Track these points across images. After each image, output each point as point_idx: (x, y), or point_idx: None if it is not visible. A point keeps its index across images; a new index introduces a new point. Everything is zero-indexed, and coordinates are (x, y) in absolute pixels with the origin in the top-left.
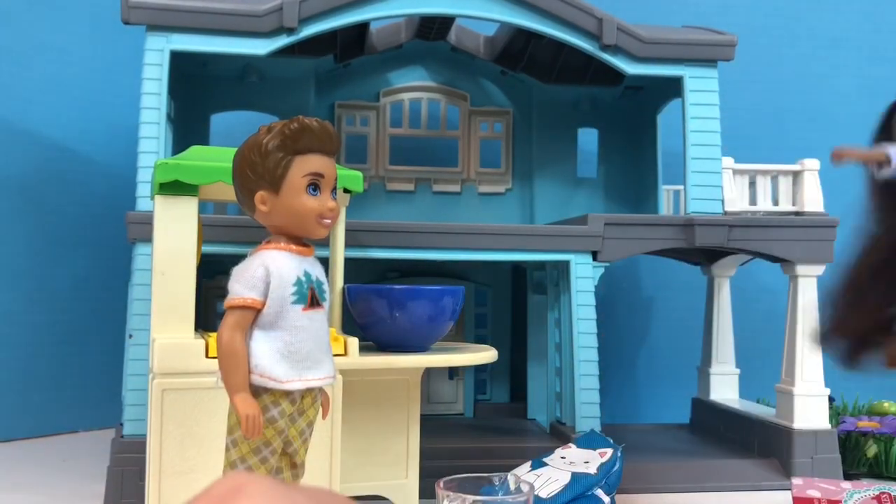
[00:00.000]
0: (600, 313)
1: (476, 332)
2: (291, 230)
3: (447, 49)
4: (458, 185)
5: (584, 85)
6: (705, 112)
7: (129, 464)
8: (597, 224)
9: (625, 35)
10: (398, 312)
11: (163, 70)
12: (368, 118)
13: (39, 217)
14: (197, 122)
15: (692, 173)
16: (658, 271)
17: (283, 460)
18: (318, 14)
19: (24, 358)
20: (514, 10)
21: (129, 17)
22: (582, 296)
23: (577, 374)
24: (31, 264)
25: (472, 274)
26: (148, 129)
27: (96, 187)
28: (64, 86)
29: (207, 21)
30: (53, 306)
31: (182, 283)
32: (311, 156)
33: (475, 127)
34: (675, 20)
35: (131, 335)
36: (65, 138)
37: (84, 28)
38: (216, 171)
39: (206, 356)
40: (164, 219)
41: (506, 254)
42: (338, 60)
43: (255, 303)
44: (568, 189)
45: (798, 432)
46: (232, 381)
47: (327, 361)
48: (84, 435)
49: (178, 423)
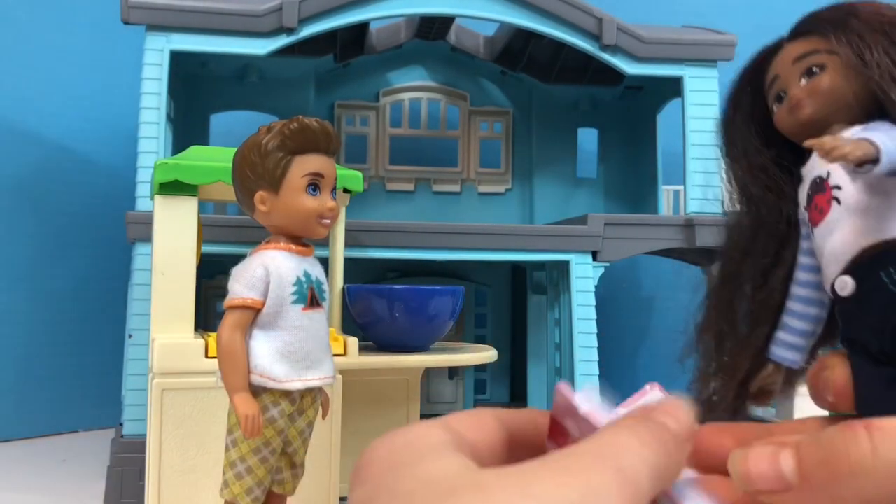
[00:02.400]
0: (600, 313)
1: (476, 332)
2: (291, 230)
3: (447, 49)
4: (458, 185)
5: (584, 85)
6: (705, 112)
7: (128, 464)
8: (597, 224)
9: (625, 35)
10: (398, 312)
11: (163, 70)
12: (368, 118)
13: (39, 217)
14: (197, 122)
15: (692, 173)
16: (658, 271)
17: (283, 460)
18: (317, 14)
19: (23, 358)
20: (514, 10)
21: (129, 17)
22: (582, 296)
23: (577, 374)
24: (31, 264)
25: (472, 274)
26: (148, 129)
27: (96, 187)
28: (64, 86)
29: (207, 21)
30: (53, 306)
31: (182, 283)
32: (310, 156)
33: (475, 127)
34: (675, 20)
35: (131, 335)
36: (65, 138)
37: (84, 28)
38: (216, 171)
39: (206, 356)
40: (164, 219)
41: (506, 254)
42: (338, 60)
43: (254, 303)
44: (568, 189)
45: None
46: (232, 381)
47: (327, 361)
48: (84, 435)
49: (178, 423)
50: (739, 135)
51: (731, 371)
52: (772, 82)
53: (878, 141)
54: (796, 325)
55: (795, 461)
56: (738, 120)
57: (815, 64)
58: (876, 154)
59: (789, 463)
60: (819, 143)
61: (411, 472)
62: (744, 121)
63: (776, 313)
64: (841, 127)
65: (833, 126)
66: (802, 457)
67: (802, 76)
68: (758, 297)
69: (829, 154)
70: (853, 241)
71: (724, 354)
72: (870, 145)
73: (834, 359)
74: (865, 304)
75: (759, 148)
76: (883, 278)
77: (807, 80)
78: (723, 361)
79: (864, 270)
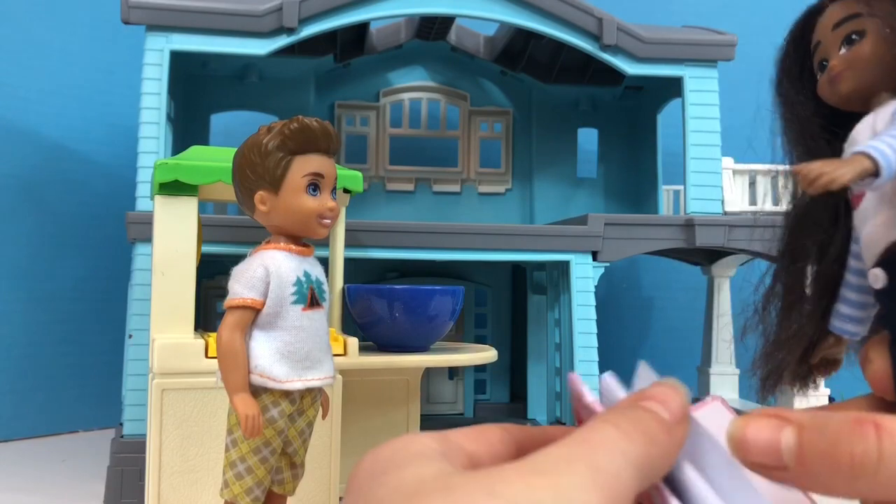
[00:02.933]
0: (600, 313)
1: (476, 332)
2: (291, 230)
3: (447, 49)
4: (458, 185)
5: (584, 85)
6: (705, 112)
7: (128, 464)
8: (597, 224)
9: (625, 35)
10: (398, 312)
11: (163, 70)
12: (368, 118)
13: (39, 217)
14: (197, 122)
15: (692, 173)
16: (658, 271)
17: (283, 460)
18: (317, 14)
19: (23, 358)
20: (514, 10)
21: (129, 17)
22: (582, 296)
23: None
24: (31, 264)
25: (472, 274)
26: (148, 129)
27: (96, 187)
28: (64, 86)
29: (207, 21)
30: (53, 306)
31: (182, 283)
32: (310, 156)
33: (475, 127)
34: (675, 20)
35: (131, 335)
36: (65, 138)
37: (84, 28)
38: (216, 171)
39: (206, 356)
40: (164, 219)
41: (506, 254)
42: (338, 60)
43: (254, 303)
44: (568, 189)
45: None
46: (232, 381)
47: (327, 361)
48: (84, 435)
49: (178, 423)
50: (788, 101)
51: (796, 342)
52: (815, 48)
53: (876, 153)
54: (853, 298)
55: (796, 442)
56: (786, 86)
57: (854, 31)
58: (874, 168)
59: (790, 442)
60: (803, 174)
61: (386, 480)
62: (793, 86)
63: (836, 285)
64: (889, 95)
65: (881, 94)
66: (804, 442)
67: (842, 44)
68: (819, 271)
69: (813, 184)
70: (884, 233)
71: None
72: (865, 160)
73: (875, 350)
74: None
75: (809, 116)
76: None
77: (847, 48)
78: (789, 334)
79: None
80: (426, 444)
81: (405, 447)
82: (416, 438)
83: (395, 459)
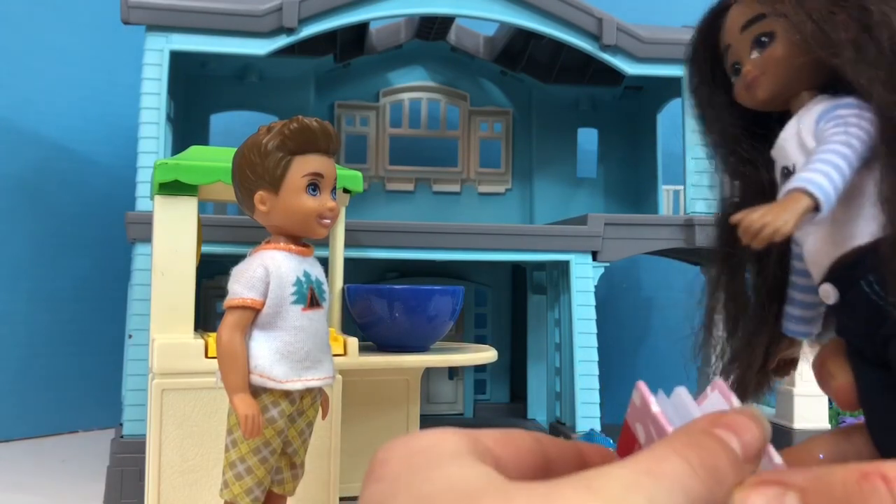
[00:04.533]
0: (600, 313)
1: (476, 332)
2: (291, 230)
3: (447, 49)
4: (458, 185)
5: (583, 85)
6: None
7: (128, 464)
8: (597, 224)
9: (625, 35)
10: (398, 312)
11: (163, 70)
12: (368, 118)
13: (39, 217)
14: (197, 122)
15: (692, 173)
16: (658, 271)
17: (283, 460)
18: (317, 14)
19: (23, 358)
20: (514, 10)
21: (128, 17)
22: (582, 296)
23: (577, 374)
24: (31, 264)
25: (471, 274)
26: (148, 129)
27: (96, 187)
28: (64, 86)
29: (207, 21)
30: (53, 306)
31: (182, 283)
32: (310, 156)
33: (475, 127)
34: (675, 20)
35: (131, 335)
36: (65, 138)
37: (84, 28)
38: (216, 171)
39: (206, 356)
40: (164, 219)
41: (506, 254)
42: (338, 60)
43: (254, 303)
44: (568, 189)
45: (798, 432)
46: (231, 381)
47: (327, 362)
48: (84, 435)
49: (178, 423)
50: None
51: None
52: (725, 51)
53: (813, 188)
54: (801, 298)
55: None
56: (699, 86)
57: (763, 33)
58: (814, 204)
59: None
60: (744, 226)
61: (431, 476)
62: (707, 87)
63: (781, 288)
64: (809, 94)
65: (801, 94)
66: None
67: (753, 47)
68: (761, 276)
69: (756, 237)
70: (828, 249)
71: (739, 340)
72: (804, 197)
73: (834, 363)
74: (852, 313)
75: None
76: (864, 288)
77: (758, 51)
78: (739, 347)
79: (845, 280)
80: (459, 443)
81: (439, 443)
82: (447, 436)
83: (433, 455)
